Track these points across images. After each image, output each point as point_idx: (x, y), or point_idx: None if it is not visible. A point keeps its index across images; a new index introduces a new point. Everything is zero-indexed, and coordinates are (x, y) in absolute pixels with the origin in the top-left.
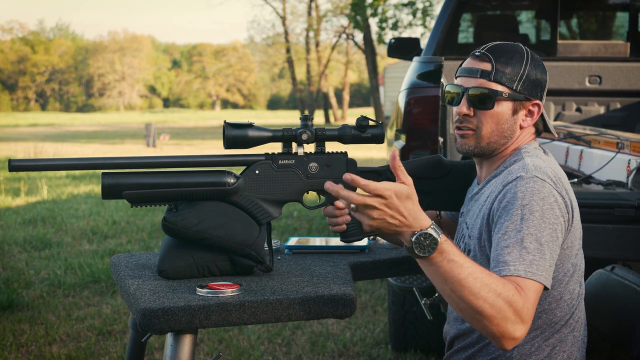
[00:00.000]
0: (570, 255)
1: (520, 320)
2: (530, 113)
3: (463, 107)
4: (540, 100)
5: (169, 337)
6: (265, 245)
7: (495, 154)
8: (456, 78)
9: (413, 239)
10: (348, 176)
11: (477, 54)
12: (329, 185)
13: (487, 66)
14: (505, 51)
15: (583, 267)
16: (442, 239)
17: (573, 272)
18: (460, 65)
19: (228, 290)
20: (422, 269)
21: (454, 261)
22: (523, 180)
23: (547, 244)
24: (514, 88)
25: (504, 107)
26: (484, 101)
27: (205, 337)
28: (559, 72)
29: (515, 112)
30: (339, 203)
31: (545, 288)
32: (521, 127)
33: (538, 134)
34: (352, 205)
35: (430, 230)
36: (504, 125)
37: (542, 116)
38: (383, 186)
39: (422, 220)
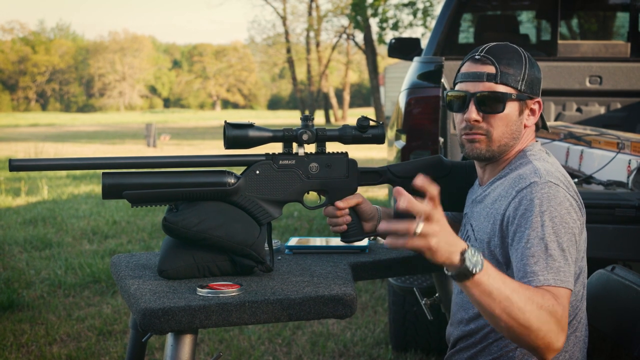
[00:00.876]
0: (579, 258)
1: (561, 329)
2: (532, 112)
3: (472, 114)
4: (539, 97)
5: (169, 337)
6: (266, 245)
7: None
8: (456, 84)
9: (465, 256)
10: (419, 181)
11: (477, 57)
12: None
13: (491, 69)
14: (504, 52)
15: (586, 268)
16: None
17: (580, 274)
18: (459, 70)
19: (228, 291)
20: (469, 293)
21: (497, 277)
22: (538, 186)
23: (568, 248)
24: (519, 88)
25: (512, 109)
26: (494, 105)
27: (206, 337)
28: (559, 72)
29: (521, 112)
30: (340, 203)
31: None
32: (525, 127)
33: (536, 131)
34: (417, 230)
35: (472, 247)
36: (513, 127)
37: (542, 116)
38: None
39: (459, 240)
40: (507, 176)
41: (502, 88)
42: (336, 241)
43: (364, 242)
